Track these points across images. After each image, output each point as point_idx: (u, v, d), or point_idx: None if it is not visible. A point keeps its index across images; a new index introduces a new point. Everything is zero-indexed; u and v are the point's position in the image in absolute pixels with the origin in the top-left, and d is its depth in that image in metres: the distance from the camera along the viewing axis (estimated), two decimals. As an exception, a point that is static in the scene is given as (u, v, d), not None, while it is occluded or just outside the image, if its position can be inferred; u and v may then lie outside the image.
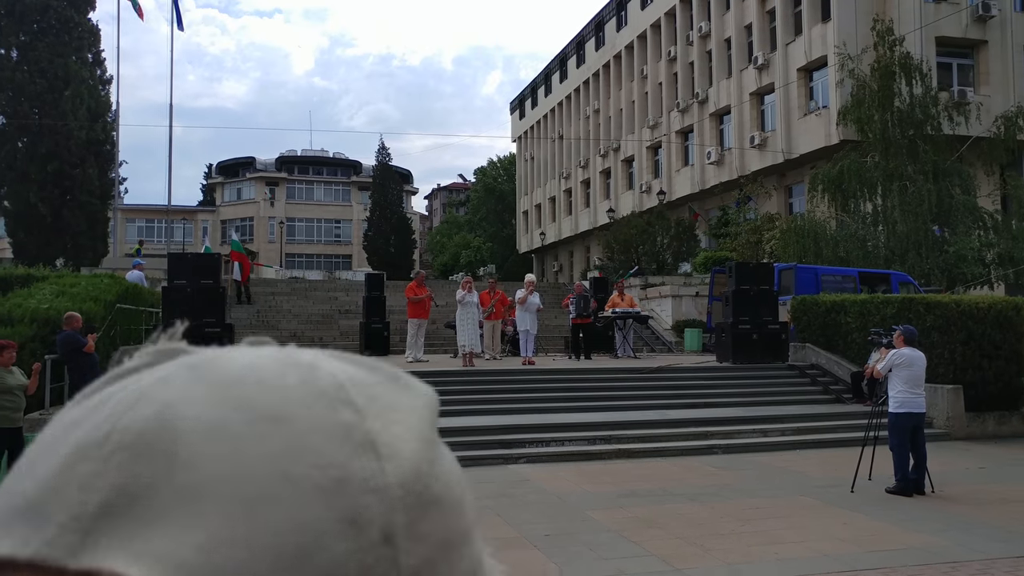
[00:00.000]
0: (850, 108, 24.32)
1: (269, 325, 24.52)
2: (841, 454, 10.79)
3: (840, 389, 15.18)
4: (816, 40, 30.33)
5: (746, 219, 31.86)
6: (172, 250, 29.71)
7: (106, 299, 13.93)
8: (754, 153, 33.42)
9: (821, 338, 16.66)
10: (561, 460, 11.03)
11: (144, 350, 0.46)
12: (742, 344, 16.33)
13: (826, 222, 24.46)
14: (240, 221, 70.05)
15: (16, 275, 16.64)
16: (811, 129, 30.41)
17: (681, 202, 38.78)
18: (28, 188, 31.21)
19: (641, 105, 43.30)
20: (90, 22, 34.00)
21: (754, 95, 34.27)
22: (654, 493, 9.02)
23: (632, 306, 19.76)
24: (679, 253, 32.27)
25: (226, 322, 14.69)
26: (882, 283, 19.67)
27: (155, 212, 65.02)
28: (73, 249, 31.79)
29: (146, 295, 17.97)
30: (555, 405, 13.47)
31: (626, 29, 44.96)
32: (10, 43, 32.19)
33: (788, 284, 19.28)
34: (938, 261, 22.07)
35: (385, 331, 20.39)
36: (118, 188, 35.58)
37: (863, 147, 24.21)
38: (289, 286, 29.99)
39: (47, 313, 11.55)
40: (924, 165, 22.95)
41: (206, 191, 78.19)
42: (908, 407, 9.13)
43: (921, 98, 23.63)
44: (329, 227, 75.02)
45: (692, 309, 24.43)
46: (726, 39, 36.33)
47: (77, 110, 31.62)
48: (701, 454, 11.47)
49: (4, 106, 32.02)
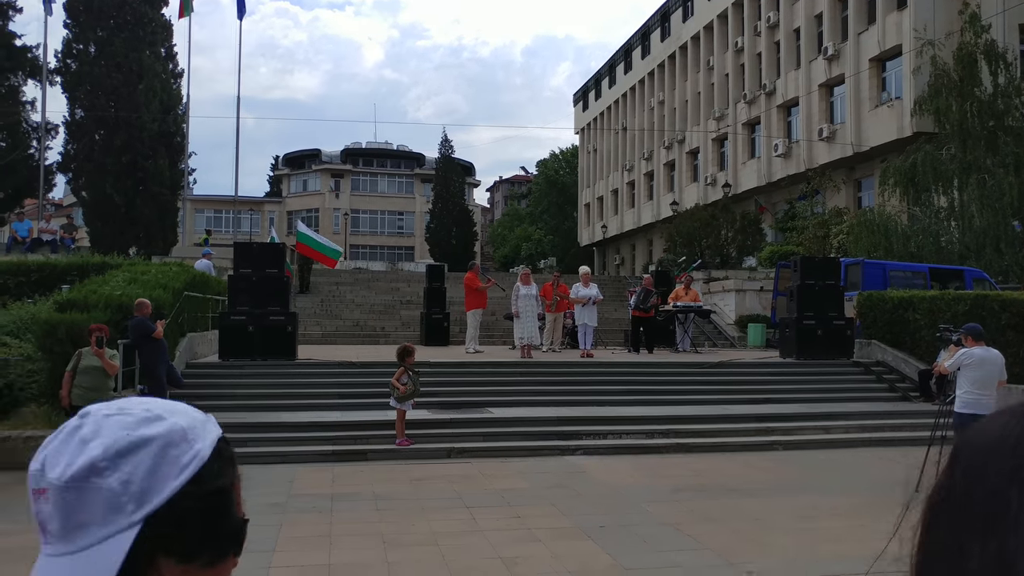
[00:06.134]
0: (927, 98, 23.58)
1: (333, 315, 24.94)
2: (907, 453, 10.49)
3: (907, 387, 14.78)
4: (891, 28, 29.49)
5: (814, 213, 31.22)
6: (239, 240, 30.37)
7: (174, 287, 14.30)
8: (822, 146, 32.69)
9: (888, 335, 16.24)
10: (618, 453, 10.98)
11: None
12: (806, 340, 16.02)
13: (897, 216, 23.79)
14: (306, 212, 71.32)
15: (92, 263, 17.25)
16: (882, 121, 29.60)
17: (747, 195, 38.18)
18: (104, 179, 32.24)
19: (707, 96, 42.71)
20: (163, 17, 34.91)
21: (823, 86, 33.51)
22: (711, 488, 8.92)
23: (695, 300, 19.52)
24: (744, 247, 31.76)
25: (290, 311, 14.95)
26: (955, 279, 19.06)
27: (223, 203, 66.53)
28: (145, 238, 32.75)
29: (213, 283, 18.41)
30: (613, 398, 13.42)
31: (692, 20, 44.39)
32: (88, 38, 33.26)
33: (855, 279, 18.84)
34: (1017, 257, 21.29)
35: (445, 321, 20.56)
36: (187, 179, 36.48)
37: (938, 139, 23.47)
38: (352, 276, 30.44)
39: (120, 299, 11.92)
40: (1005, 157, 22.13)
41: (272, 182, 79.84)
42: (973, 408, 8.84)
43: (1004, 87, 22.78)
44: (392, 219, 75.90)
45: (756, 304, 24.05)
46: (795, 29, 35.58)
47: (150, 103, 32.52)
48: (761, 450, 11.29)
49: (83, 100, 33.13)
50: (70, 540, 0.78)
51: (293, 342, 14.62)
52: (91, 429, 0.82)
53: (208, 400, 12.43)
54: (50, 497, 0.78)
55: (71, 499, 0.78)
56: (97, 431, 0.81)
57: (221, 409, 12.01)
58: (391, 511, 7.74)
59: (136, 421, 0.83)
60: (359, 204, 74.10)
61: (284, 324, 14.49)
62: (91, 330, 9.50)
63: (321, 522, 7.35)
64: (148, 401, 0.88)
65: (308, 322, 21.95)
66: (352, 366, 14.31)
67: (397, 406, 10.64)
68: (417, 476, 9.39)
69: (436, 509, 7.78)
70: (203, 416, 0.90)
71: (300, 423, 11.43)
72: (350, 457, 10.40)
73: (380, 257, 66.20)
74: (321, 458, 10.32)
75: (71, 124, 33.41)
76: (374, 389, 12.41)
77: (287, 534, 6.93)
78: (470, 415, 11.94)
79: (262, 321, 14.28)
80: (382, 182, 76.90)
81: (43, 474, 0.79)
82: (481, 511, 7.72)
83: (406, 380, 10.58)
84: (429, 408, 12.02)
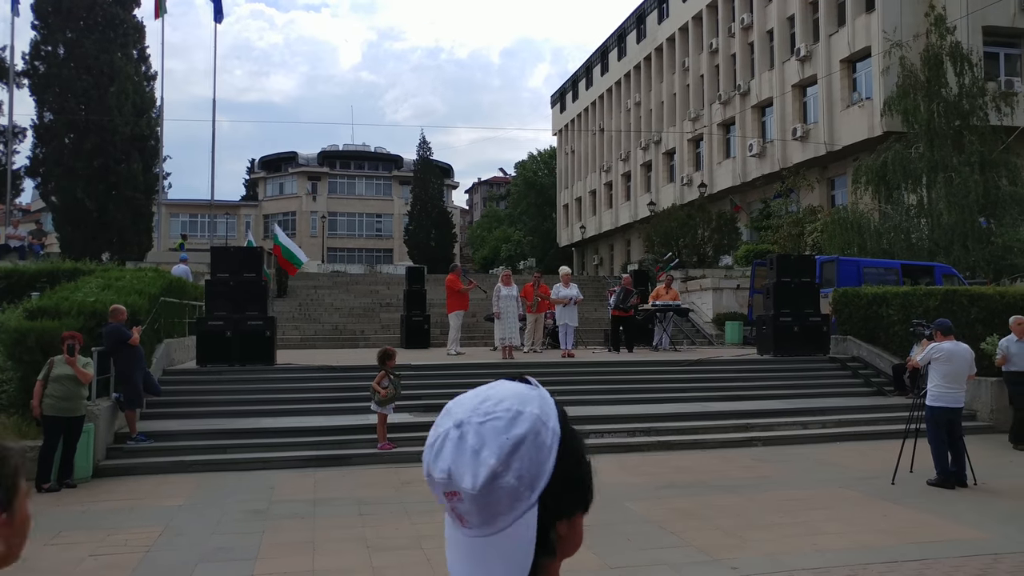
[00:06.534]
0: (896, 98, 23.91)
1: (311, 318, 24.83)
2: (882, 446, 10.66)
3: (882, 382, 14.97)
4: (860, 31, 29.83)
5: (788, 212, 31.50)
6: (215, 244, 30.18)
7: (150, 292, 14.15)
8: (796, 145, 33.00)
9: (863, 331, 16.44)
10: (601, 452, 11.01)
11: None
12: (783, 337, 16.18)
13: (869, 214, 24.08)
14: (282, 216, 70.91)
15: (63, 269, 16.95)
16: (854, 121, 29.94)
17: (722, 195, 38.46)
18: (75, 183, 31.77)
19: (682, 97, 42.97)
20: (135, 18, 34.49)
21: (796, 87, 33.83)
22: (693, 485, 8.99)
23: (675, 299, 19.65)
24: (720, 246, 31.97)
25: (268, 315, 14.87)
26: (925, 275, 19.34)
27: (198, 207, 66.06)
28: (118, 243, 32.36)
29: (189, 288, 18.26)
30: (595, 398, 13.46)
31: (667, 21, 44.66)
32: (57, 40, 32.76)
33: (830, 276, 19.05)
34: (984, 253, 21.63)
35: (426, 324, 20.54)
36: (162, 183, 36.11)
37: (907, 138, 23.79)
38: (330, 280, 30.30)
39: (94, 306, 11.75)
40: (970, 156, 22.49)
41: (249, 186, 79.31)
42: (943, 401, 9.00)
43: (969, 88, 23.14)
44: (370, 221, 75.67)
45: (733, 302, 24.23)
46: (768, 31, 35.90)
47: (122, 106, 32.13)
48: (741, 446, 11.40)
49: (51, 103, 32.61)
50: (489, 526, 0.99)
51: (272, 347, 14.55)
52: (475, 439, 0.98)
53: (186, 407, 12.36)
54: (465, 499, 0.98)
55: (483, 501, 0.97)
56: (482, 441, 0.98)
57: (200, 416, 11.95)
58: (374, 515, 7.74)
59: (507, 424, 1.00)
60: (336, 207, 73.83)
61: (263, 329, 14.41)
62: (63, 338, 9.38)
63: (304, 528, 7.33)
64: (499, 395, 1.04)
65: (286, 326, 21.84)
66: (332, 370, 14.26)
67: (378, 410, 10.62)
68: (400, 480, 9.38)
69: (420, 512, 7.77)
70: (536, 392, 1.06)
71: (280, 428, 11.37)
72: (332, 462, 10.37)
73: (358, 260, 65.95)
74: (302, 463, 10.28)
75: (39, 127, 32.88)
76: (355, 393, 12.38)
77: (270, 540, 6.91)
78: (451, 417, 11.90)
79: (240, 326, 14.20)
80: (360, 184, 76.65)
81: (452, 482, 0.98)
82: (464, 513, 7.72)
83: (387, 384, 10.56)
84: (411, 411, 12.01)
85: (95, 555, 6.52)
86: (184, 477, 9.64)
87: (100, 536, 7.08)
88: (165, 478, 9.58)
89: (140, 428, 10.74)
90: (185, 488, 9.04)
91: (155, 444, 10.57)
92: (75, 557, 6.45)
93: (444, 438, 1.00)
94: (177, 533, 7.17)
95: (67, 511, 8.07)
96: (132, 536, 7.07)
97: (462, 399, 1.05)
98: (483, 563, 0.99)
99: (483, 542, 0.99)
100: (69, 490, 9.01)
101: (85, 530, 7.33)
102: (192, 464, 10.07)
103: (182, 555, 6.50)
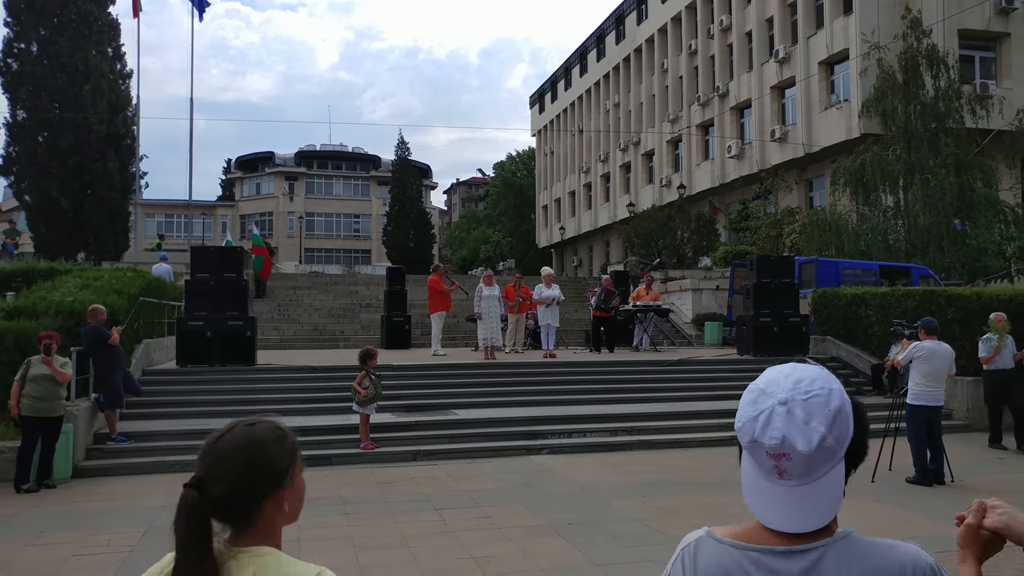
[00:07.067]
0: (874, 100, 24.15)
1: (290, 319, 24.69)
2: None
3: (860, 381, 15.13)
4: (838, 33, 30.12)
5: (766, 213, 31.72)
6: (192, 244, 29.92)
7: (129, 292, 14.04)
8: (774, 147, 33.25)
9: (842, 331, 16.61)
10: (584, 451, 11.07)
11: None
12: (763, 337, 16.29)
13: (847, 216, 24.31)
14: (259, 216, 70.47)
15: (39, 269, 16.76)
16: (832, 123, 30.22)
17: (701, 196, 38.66)
18: (49, 182, 31.35)
19: (661, 99, 43.15)
20: (110, 16, 34.06)
21: (775, 89, 34.08)
22: (676, 483, 9.04)
23: (655, 300, 19.74)
24: (699, 247, 32.17)
25: (248, 315, 14.77)
26: (902, 276, 19.56)
27: (175, 207, 65.56)
28: (94, 243, 31.98)
29: (168, 288, 18.10)
30: (577, 397, 13.52)
31: (646, 23, 44.82)
32: (31, 37, 32.29)
33: (809, 277, 19.21)
34: (959, 255, 21.91)
35: (406, 324, 20.48)
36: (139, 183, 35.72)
37: (885, 140, 24.04)
38: (309, 280, 30.14)
39: (72, 306, 11.64)
40: (946, 158, 22.76)
41: (225, 186, 78.75)
42: (924, 400, 9.12)
43: (945, 91, 23.43)
44: (348, 222, 75.36)
45: (712, 303, 24.38)
46: (747, 32, 36.15)
47: (97, 104, 31.76)
48: (722, 445, 11.44)
49: (25, 100, 32.11)
50: (807, 477, 1.30)
51: (252, 347, 14.46)
52: (803, 413, 1.30)
53: (167, 407, 12.26)
54: (794, 458, 1.29)
55: (811, 458, 1.29)
56: (809, 414, 1.30)
57: (180, 416, 11.85)
58: (359, 515, 7.71)
59: (825, 399, 1.32)
60: (314, 207, 73.46)
61: (243, 329, 14.32)
62: (41, 337, 9.29)
63: (289, 528, 7.24)
64: (808, 376, 1.36)
65: (265, 327, 21.69)
66: (313, 371, 14.19)
67: (360, 410, 10.59)
68: (384, 479, 9.36)
69: (405, 511, 7.76)
70: (827, 372, 1.39)
71: (262, 428, 11.28)
72: (314, 462, 10.30)
73: (336, 260, 65.69)
74: (285, 463, 10.21)
75: (12, 126, 32.36)
76: (336, 393, 12.34)
77: (255, 539, 6.86)
78: (435, 417, 11.92)
79: (220, 326, 14.09)
80: (337, 185, 76.33)
81: (784, 445, 1.29)
82: (450, 512, 7.73)
83: (368, 384, 10.52)
84: (393, 411, 11.99)
85: (79, 555, 6.45)
86: (165, 477, 9.54)
87: (83, 536, 7.01)
88: (146, 479, 9.50)
89: (120, 428, 10.64)
90: (167, 488, 8.94)
91: (135, 445, 10.47)
92: (58, 556, 6.38)
93: (771, 413, 1.32)
94: (161, 533, 7.11)
95: (48, 512, 7.97)
96: (115, 536, 7.00)
97: (774, 380, 1.37)
98: (803, 504, 1.30)
99: (803, 489, 1.30)
100: (49, 491, 8.91)
101: (67, 530, 7.25)
102: (173, 464, 9.98)
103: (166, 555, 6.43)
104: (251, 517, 1.52)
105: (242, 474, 1.50)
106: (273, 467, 1.53)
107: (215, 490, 1.48)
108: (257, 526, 1.53)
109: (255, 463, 1.51)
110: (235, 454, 1.51)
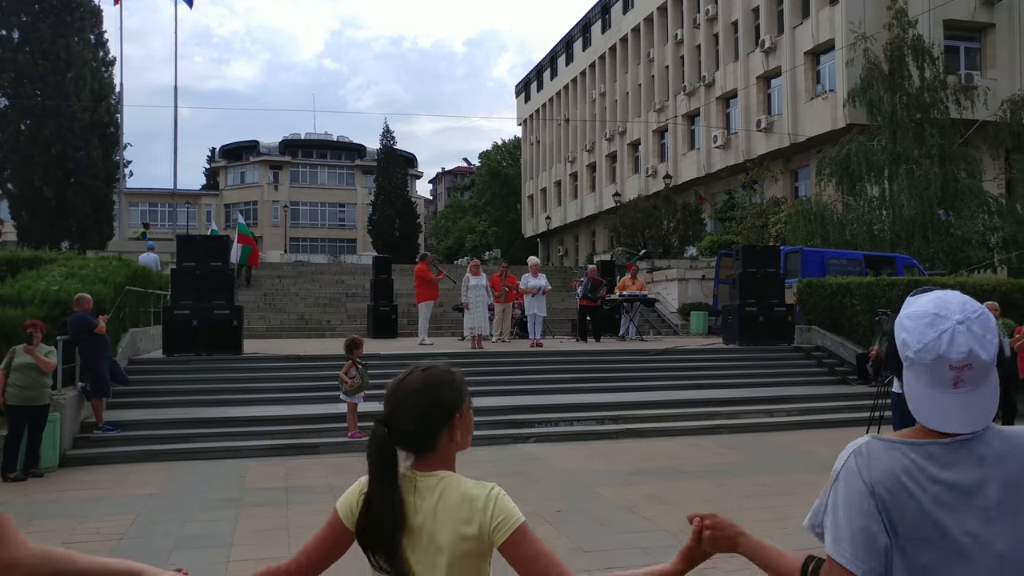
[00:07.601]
0: (859, 91, 24.27)
1: (276, 308, 24.63)
2: (847, 434, 10.79)
3: (845, 371, 15.25)
4: (824, 23, 30.21)
5: (752, 203, 31.86)
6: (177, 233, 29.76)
7: (115, 281, 13.98)
8: (760, 137, 33.36)
9: (827, 320, 16.73)
10: (570, 440, 11.13)
11: None
12: (748, 326, 16.40)
13: (832, 205, 24.46)
14: (244, 205, 70.04)
15: (23, 257, 16.67)
16: (817, 113, 30.34)
17: (687, 186, 38.76)
18: (32, 170, 31.06)
19: (647, 88, 43.18)
20: (92, 2, 33.71)
21: (761, 79, 34.17)
22: (663, 471, 9.11)
23: (641, 289, 19.82)
24: (685, 237, 32.29)
25: (235, 304, 14.73)
26: (887, 266, 19.72)
27: (159, 196, 65.14)
28: (78, 232, 31.73)
29: (154, 277, 18.03)
30: (564, 386, 13.58)
31: (632, 12, 44.78)
32: (11, 24, 31.90)
33: (794, 267, 19.34)
34: (943, 244, 22.10)
35: (393, 314, 20.47)
36: (123, 171, 35.44)
37: (870, 130, 24.18)
38: (295, 269, 30.05)
39: (58, 294, 11.60)
40: (931, 149, 22.93)
41: (209, 175, 78.19)
42: None
43: (930, 81, 23.57)
44: (333, 211, 75.05)
45: (698, 292, 24.49)
46: (733, 22, 36.19)
47: (80, 92, 31.45)
48: (707, 433, 11.56)
49: (6, 88, 31.75)
50: (977, 383, 1.51)
51: (239, 336, 14.43)
52: (979, 328, 1.51)
53: (154, 396, 12.23)
54: (975, 367, 1.50)
55: (988, 366, 1.51)
56: (984, 329, 1.51)
57: (167, 405, 11.83)
58: (348, 502, 7.72)
59: (988, 317, 1.54)
60: (299, 196, 73.12)
61: (229, 318, 14.29)
62: (25, 326, 9.26)
63: (277, 515, 7.31)
64: (964, 299, 1.55)
65: (251, 316, 21.64)
66: (300, 360, 14.19)
67: (347, 399, 10.61)
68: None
69: (393, 499, 7.78)
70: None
71: (249, 417, 11.31)
72: (302, 451, 10.35)
73: (321, 250, 65.41)
74: (272, 452, 10.24)
75: (-7, 114, 32.13)
76: (323, 383, 12.35)
77: (244, 528, 6.89)
78: (422, 406, 11.92)
79: (207, 315, 14.06)
80: (322, 174, 75.97)
81: (970, 356, 1.49)
82: (438, 499, 7.75)
83: (354, 373, 10.54)
84: (381, 400, 11.98)
85: (68, 543, 6.45)
86: (153, 466, 9.55)
87: (72, 525, 7.01)
88: (133, 467, 9.48)
89: (107, 417, 10.61)
90: (155, 477, 8.96)
91: (122, 433, 10.45)
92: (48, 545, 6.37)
93: (952, 331, 1.50)
94: (149, 521, 7.12)
95: (36, 500, 7.96)
96: (104, 524, 7.00)
97: (943, 304, 1.54)
98: (977, 407, 1.52)
99: (974, 394, 1.51)
100: (36, 479, 8.90)
101: (56, 519, 7.24)
102: (160, 453, 9.98)
103: (156, 542, 6.45)
104: (430, 447, 1.83)
105: (421, 412, 1.82)
106: (446, 405, 1.85)
107: (399, 426, 1.81)
108: (435, 454, 1.84)
109: (430, 402, 1.83)
110: (414, 395, 1.83)
